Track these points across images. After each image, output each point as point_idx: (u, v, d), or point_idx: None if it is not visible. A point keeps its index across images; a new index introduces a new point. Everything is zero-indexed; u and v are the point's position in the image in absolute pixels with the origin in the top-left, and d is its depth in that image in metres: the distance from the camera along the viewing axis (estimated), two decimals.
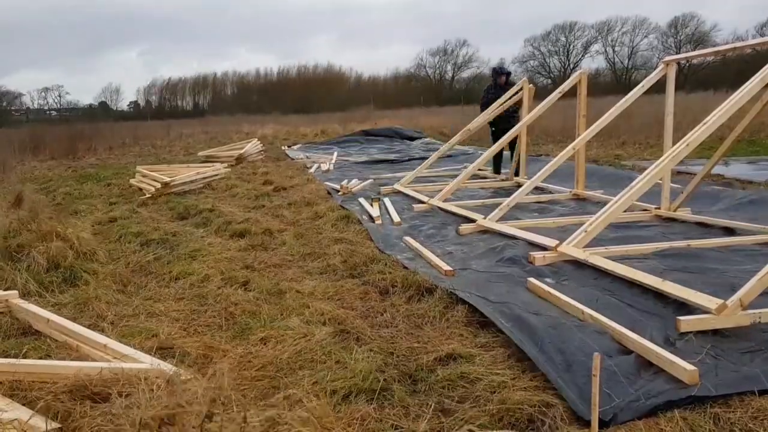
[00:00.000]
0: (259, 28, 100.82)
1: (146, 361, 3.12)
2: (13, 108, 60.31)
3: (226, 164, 13.36)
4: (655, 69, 6.97)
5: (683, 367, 2.80)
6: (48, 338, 3.76)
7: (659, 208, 6.70)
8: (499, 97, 9.91)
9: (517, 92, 9.80)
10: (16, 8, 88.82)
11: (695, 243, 5.24)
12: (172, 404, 2.15)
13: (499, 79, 10.27)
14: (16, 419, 2.54)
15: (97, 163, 17.17)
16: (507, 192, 8.67)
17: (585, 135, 7.22)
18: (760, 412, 2.55)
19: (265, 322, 3.89)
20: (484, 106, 10.28)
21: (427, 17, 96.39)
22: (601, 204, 6.54)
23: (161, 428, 2.08)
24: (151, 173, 10.82)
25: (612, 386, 2.78)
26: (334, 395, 2.89)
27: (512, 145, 9.91)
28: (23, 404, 2.78)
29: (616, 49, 58.66)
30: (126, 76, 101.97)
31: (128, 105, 67.20)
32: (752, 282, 3.46)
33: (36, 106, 63.37)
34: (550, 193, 8.59)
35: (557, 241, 5.15)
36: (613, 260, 4.60)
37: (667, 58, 6.81)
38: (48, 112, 62.52)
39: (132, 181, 11.26)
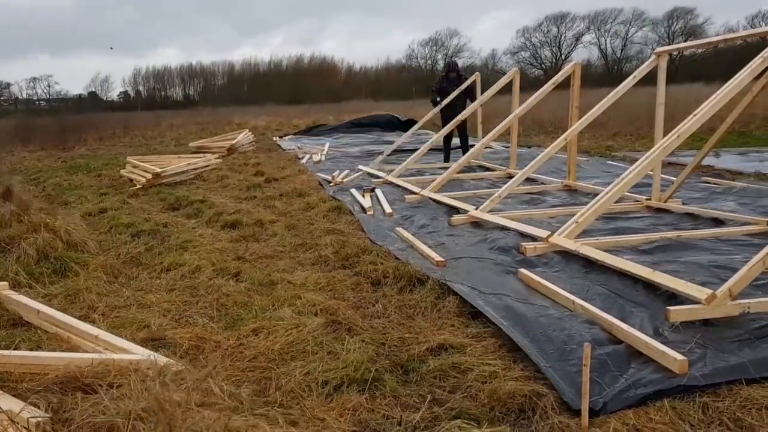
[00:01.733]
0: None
1: (137, 353, 3.11)
2: (1, 98, 59.80)
3: (217, 155, 13.31)
4: (647, 60, 6.98)
5: (673, 356, 2.83)
6: (38, 330, 3.75)
7: (650, 199, 6.73)
8: (450, 87, 11.30)
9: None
10: None
11: (685, 233, 5.27)
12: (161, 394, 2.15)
13: (451, 74, 11.65)
14: (6, 411, 2.53)
15: (87, 153, 17.06)
16: (499, 183, 8.69)
17: (577, 126, 7.23)
18: (748, 401, 2.58)
19: (257, 313, 3.88)
20: (441, 92, 11.53)
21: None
22: (592, 195, 6.57)
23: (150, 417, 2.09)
24: (142, 164, 10.76)
25: (602, 376, 2.81)
26: (326, 386, 2.90)
27: (462, 132, 11.30)
28: (14, 395, 2.77)
29: (609, 40, 58.76)
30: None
31: (118, 95, 66.72)
32: (741, 272, 3.49)
33: (25, 96, 62.85)
34: (542, 184, 8.60)
35: (548, 232, 5.17)
36: (603, 251, 4.62)
37: (659, 50, 6.82)
38: (37, 102, 61.97)
39: (122, 171, 11.19)
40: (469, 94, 11.40)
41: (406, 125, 20.75)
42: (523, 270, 4.38)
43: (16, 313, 4.01)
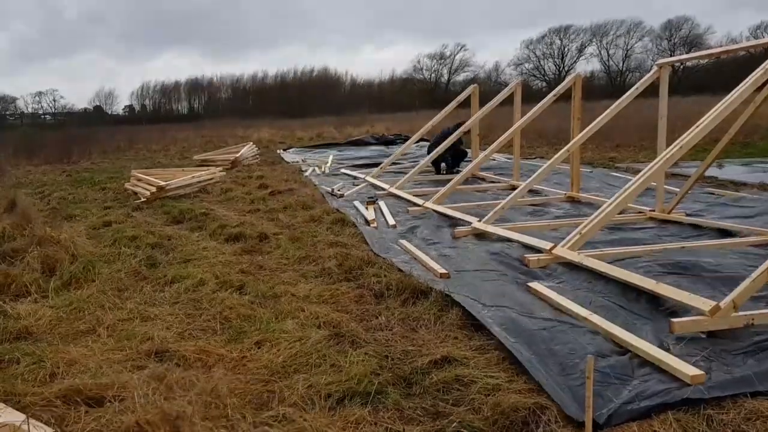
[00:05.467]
0: None
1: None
2: (7, 112, 60.19)
3: (221, 168, 13.34)
4: (649, 72, 7.00)
5: (685, 371, 2.82)
6: (42, 343, 3.75)
7: (654, 210, 6.73)
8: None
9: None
10: None
11: (689, 245, 5.26)
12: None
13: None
14: (10, 423, 2.53)
15: (92, 167, 17.13)
16: (502, 195, 8.69)
17: (579, 137, 7.24)
18: (752, 413, 2.56)
19: (261, 326, 3.88)
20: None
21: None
22: (596, 206, 6.56)
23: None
24: (146, 177, 10.79)
25: (606, 388, 2.80)
26: (329, 398, 2.90)
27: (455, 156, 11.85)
28: (17, 409, 2.77)
29: (611, 51, 58.94)
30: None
31: (123, 109, 67.09)
32: (745, 283, 3.48)
33: (30, 110, 63.25)
34: (545, 195, 8.60)
35: (552, 244, 5.16)
36: (607, 262, 4.62)
37: (661, 61, 6.84)
38: (43, 116, 62.37)
39: (127, 185, 11.22)
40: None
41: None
42: (532, 284, 4.36)
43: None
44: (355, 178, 11.79)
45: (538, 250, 5.22)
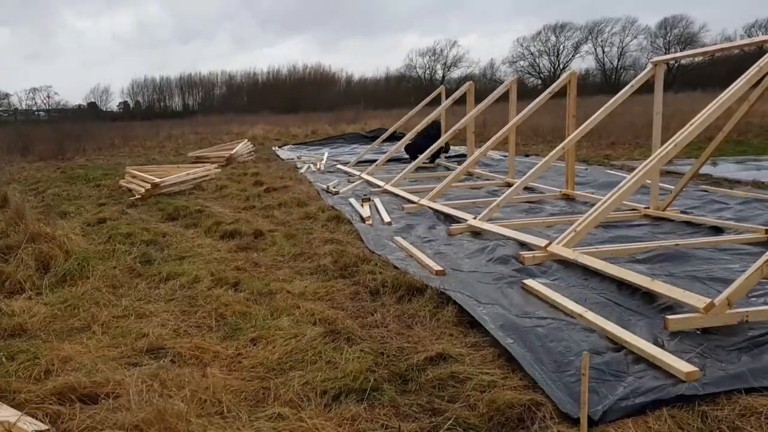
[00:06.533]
0: None
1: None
2: (0, 108, 59.91)
3: (216, 165, 13.32)
4: (644, 69, 7.01)
5: (680, 368, 2.83)
6: (37, 340, 3.74)
7: (648, 208, 6.74)
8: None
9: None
10: None
11: (683, 242, 5.27)
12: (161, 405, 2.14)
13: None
14: (4, 421, 2.52)
15: (86, 164, 17.06)
16: (497, 192, 8.70)
17: (574, 135, 7.25)
18: (747, 409, 2.57)
19: (256, 323, 3.88)
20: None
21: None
22: (591, 204, 6.58)
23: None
24: (141, 174, 10.76)
25: (600, 385, 2.81)
26: (325, 395, 2.90)
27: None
28: (12, 406, 2.76)
29: (606, 49, 59.06)
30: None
31: (117, 105, 66.77)
32: (739, 281, 3.49)
33: (24, 106, 62.94)
34: (540, 192, 8.62)
35: (547, 241, 5.17)
36: (602, 259, 4.63)
37: (656, 59, 6.85)
38: (36, 112, 62.05)
39: (121, 181, 11.19)
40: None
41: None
42: (528, 282, 4.37)
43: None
44: (350, 175, 11.79)
45: (533, 248, 5.23)
